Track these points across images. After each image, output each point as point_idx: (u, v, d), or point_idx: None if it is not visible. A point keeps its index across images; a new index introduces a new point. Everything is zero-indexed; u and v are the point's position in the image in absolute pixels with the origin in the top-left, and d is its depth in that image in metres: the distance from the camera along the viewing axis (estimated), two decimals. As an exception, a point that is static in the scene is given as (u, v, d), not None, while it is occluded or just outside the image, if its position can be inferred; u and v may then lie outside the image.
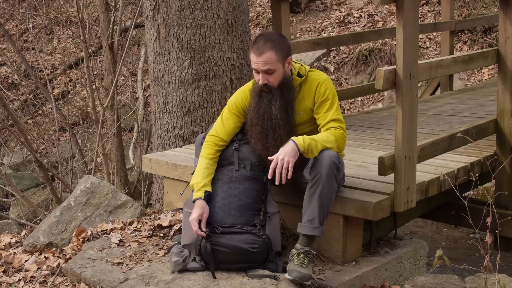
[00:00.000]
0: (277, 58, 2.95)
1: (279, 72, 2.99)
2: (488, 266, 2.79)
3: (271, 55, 2.94)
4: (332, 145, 2.93)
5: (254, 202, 2.97)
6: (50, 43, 12.54)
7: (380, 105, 9.02)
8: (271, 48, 2.94)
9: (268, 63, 2.95)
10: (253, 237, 2.89)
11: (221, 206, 2.95)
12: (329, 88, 3.06)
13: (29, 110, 10.18)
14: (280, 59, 2.97)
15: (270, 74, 2.97)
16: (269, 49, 2.94)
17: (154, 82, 4.78)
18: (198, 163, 3.15)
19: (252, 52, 2.97)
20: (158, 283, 2.82)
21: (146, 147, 7.54)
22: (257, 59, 2.95)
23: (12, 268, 3.32)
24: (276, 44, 2.96)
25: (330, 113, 3.02)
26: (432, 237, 6.31)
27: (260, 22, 11.32)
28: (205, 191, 3.01)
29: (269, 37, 2.98)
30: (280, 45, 2.98)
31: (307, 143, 2.86)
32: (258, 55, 2.95)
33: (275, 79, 2.99)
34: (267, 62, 2.94)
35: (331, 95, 3.05)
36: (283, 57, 2.98)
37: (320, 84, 3.07)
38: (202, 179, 3.04)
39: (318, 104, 3.06)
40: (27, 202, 6.82)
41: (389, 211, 3.18)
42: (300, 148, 2.85)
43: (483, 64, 4.00)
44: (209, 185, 3.05)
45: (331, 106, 3.03)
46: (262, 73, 2.98)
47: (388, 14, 10.41)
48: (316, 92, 3.06)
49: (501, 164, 3.92)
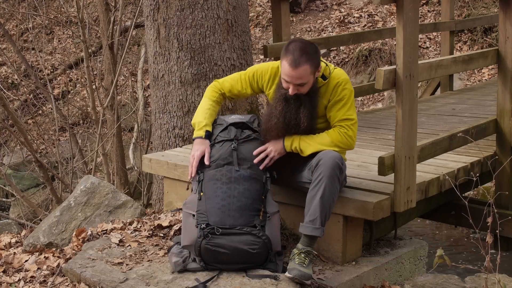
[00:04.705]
0: (311, 71, 2.96)
1: (309, 83, 3.01)
2: (488, 266, 2.79)
3: (306, 69, 2.94)
4: (327, 146, 3.02)
5: (253, 203, 2.96)
6: (50, 43, 12.54)
7: (380, 105, 9.02)
8: (307, 61, 2.92)
9: (303, 78, 2.95)
10: (252, 238, 2.88)
11: (221, 207, 2.93)
12: (346, 89, 3.09)
13: (29, 110, 10.18)
14: (313, 71, 2.98)
15: (302, 86, 2.99)
16: (304, 63, 2.92)
17: (154, 82, 4.78)
18: (200, 103, 3.25)
19: (287, 63, 2.93)
20: (158, 283, 2.82)
21: (146, 147, 7.54)
22: (291, 72, 2.93)
23: (12, 268, 3.32)
24: (311, 56, 2.94)
25: (340, 113, 3.07)
26: (432, 237, 6.31)
27: (260, 22, 11.32)
28: (206, 131, 3.10)
29: (305, 49, 2.94)
30: (314, 56, 2.97)
31: (295, 146, 3.08)
32: (294, 68, 2.92)
33: (306, 89, 3.02)
34: (302, 76, 2.94)
35: (347, 96, 3.09)
36: (316, 68, 3.00)
37: (338, 84, 3.10)
38: (204, 119, 3.13)
39: (332, 103, 3.10)
40: (27, 202, 6.82)
41: (389, 211, 3.18)
42: (286, 150, 3.10)
43: (483, 64, 4.00)
44: (210, 125, 3.14)
45: (343, 106, 3.08)
46: (293, 85, 2.98)
47: (388, 14, 10.41)
48: (333, 92, 3.09)
49: (501, 164, 3.92)
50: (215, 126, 3.16)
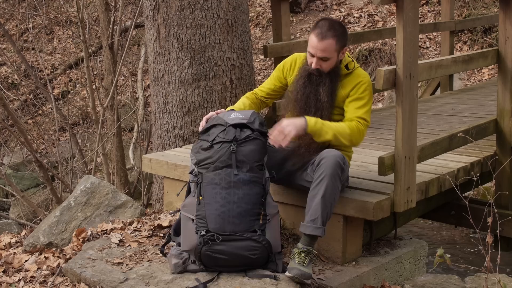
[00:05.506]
0: (336, 47, 3.05)
1: (333, 60, 3.08)
2: (489, 266, 2.80)
3: (332, 44, 3.02)
4: (345, 137, 3.03)
5: (253, 207, 2.90)
6: (50, 43, 12.54)
7: (380, 105, 9.02)
8: (333, 37, 3.02)
9: (327, 51, 3.03)
10: (253, 243, 2.84)
11: (220, 214, 2.86)
12: (367, 90, 3.13)
13: (29, 110, 10.18)
14: (338, 49, 3.06)
15: (325, 61, 3.06)
16: (331, 37, 3.02)
17: (154, 82, 4.78)
18: None
19: (314, 35, 3.03)
20: (158, 283, 2.82)
21: (146, 147, 7.53)
22: (317, 44, 3.03)
23: (12, 268, 3.32)
24: (338, 33, 3.05)
25: (360, 111, 3.10)
26: (432, 237, 6.31)
27: (260, 22, 11.32)
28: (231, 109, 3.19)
29: (333, 25, 3.06)
30: (342, 35, 3.07)
31: (318, 127, 2.98)
32: (320, 40, 3.02)
33: (328, 66, 3.09)
34: (326, 49, 3.03)
35: (367, 98, 3.12)
36: (341, 47, 3.07)
37: (362, 82, 3.13)
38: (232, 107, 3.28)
39: (352, 99, 3.12)
40: (27, 202, 6.82)
41: (389, 211, 3.18)
42: (308, 128, 2.97)
43: (483, 64, 4.00)
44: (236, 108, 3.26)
45: (363, 106, 3.11)
46: (317, 59, 3.06)
47: (388, 14, 10.41)
48: (355, 87, 3.12)
49: (501, 164, 3.92)
50: (215, 125, 3.08)
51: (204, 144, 3.03)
